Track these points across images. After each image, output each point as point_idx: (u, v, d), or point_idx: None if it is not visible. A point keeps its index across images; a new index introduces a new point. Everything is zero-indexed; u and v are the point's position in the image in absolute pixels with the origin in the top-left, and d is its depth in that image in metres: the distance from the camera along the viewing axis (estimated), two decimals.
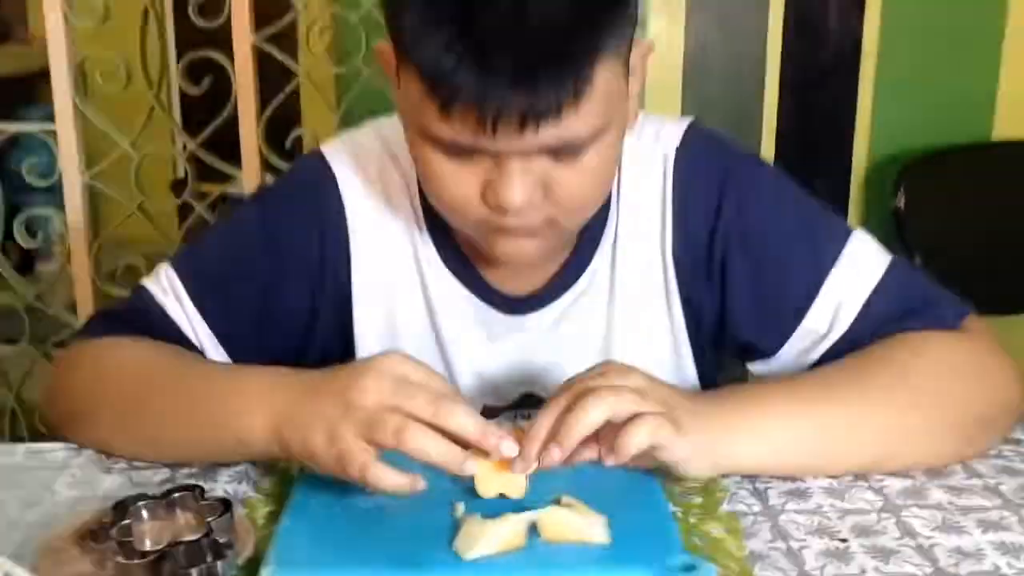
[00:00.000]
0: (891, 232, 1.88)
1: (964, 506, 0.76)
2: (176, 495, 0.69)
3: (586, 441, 0.72)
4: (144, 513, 0.68)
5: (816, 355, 0.88)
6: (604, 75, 0.73)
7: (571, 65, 0.70)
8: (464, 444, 0.70)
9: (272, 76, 1.78)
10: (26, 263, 2.76)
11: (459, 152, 0.76)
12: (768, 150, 1.96)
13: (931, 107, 1.96)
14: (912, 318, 0.86)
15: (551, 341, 0.93)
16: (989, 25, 1.94)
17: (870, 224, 2.00)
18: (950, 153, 1.93)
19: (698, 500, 0.76)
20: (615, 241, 0.92)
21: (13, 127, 1.83)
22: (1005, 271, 1.92)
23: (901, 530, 0.73)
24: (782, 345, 0.90)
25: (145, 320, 0.90)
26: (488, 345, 0.94)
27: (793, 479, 0.80)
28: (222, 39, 1.74)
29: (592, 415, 0.70)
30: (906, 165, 1.90)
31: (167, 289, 0.91)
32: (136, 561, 0.63)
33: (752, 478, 0.80)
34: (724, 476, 0.79)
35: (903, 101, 1.95)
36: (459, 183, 0.78)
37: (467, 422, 0.69)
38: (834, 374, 0.84)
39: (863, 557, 0.69)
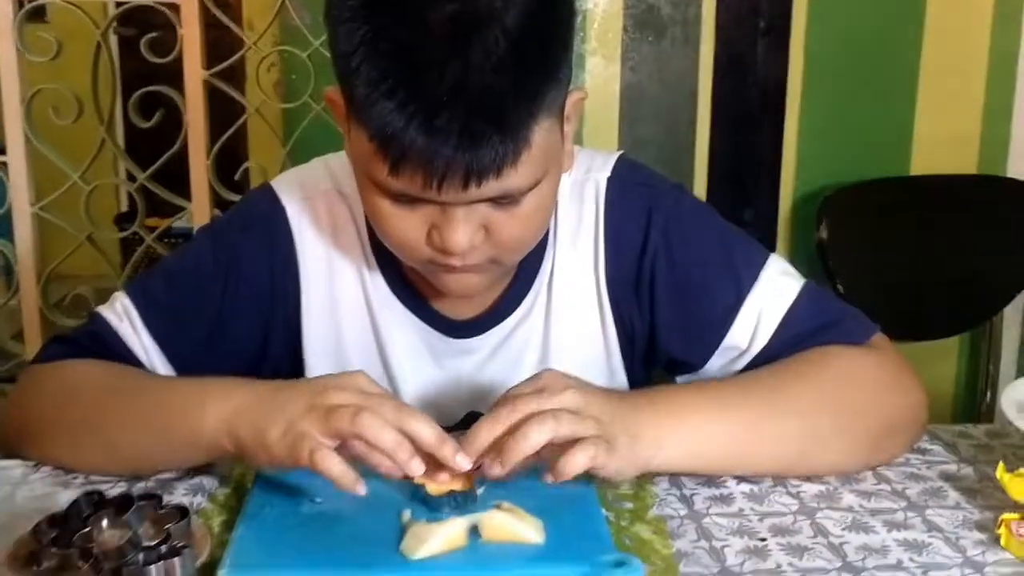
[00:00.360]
0: (815, 262, 1.96)
1: (873, 508, 0.82)
2: (138, 503, 0.72)
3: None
4: (104, 521, 0.71)
5: (737, 368, 0.95)
6: (541, 133, 0.78)
7: (511, 129, 0.76)
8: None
9: (221, 110, 1.82)
10: None
11: (406, 200, 0.81)
12: (700, 184, 2.03)
13: (853, 144, 2.04)
14: (825, 333, 0.93)
15: (493, 363, 0.99)
16: (905, 66, 2.03)
17: (796, 254, 2.08)
18: (870, 187, 2.02)
19: (629, 505, 0.82)
20: (552, 269, 0.97)
21: None
22: (921, 299, 2.01)
23: (815, 530, 0.79)
24: (707, 360, 0.96)
25: (101, 345, 0.93)
26: (433, 368, 0.99)
27: (717, 485, 0.86)
28: (168, 75, 1.78)
29: (533, 439, 0.75)
30: (828, 198, 1.99)
31: (122, 316, 0.94)
32: (106, 565, 0.67)
33: (679, 485, 0.85)
34: (649, 475, 0.85)
35: (826, 138, 2.04)
36: (406, 227, 0.83)
37: (427, 429, 0.75)
38: (752, 382, 0.90)
39: (779, 554, 0.75)
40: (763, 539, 0.77)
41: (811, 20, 1.98)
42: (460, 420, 1.00)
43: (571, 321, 0.98)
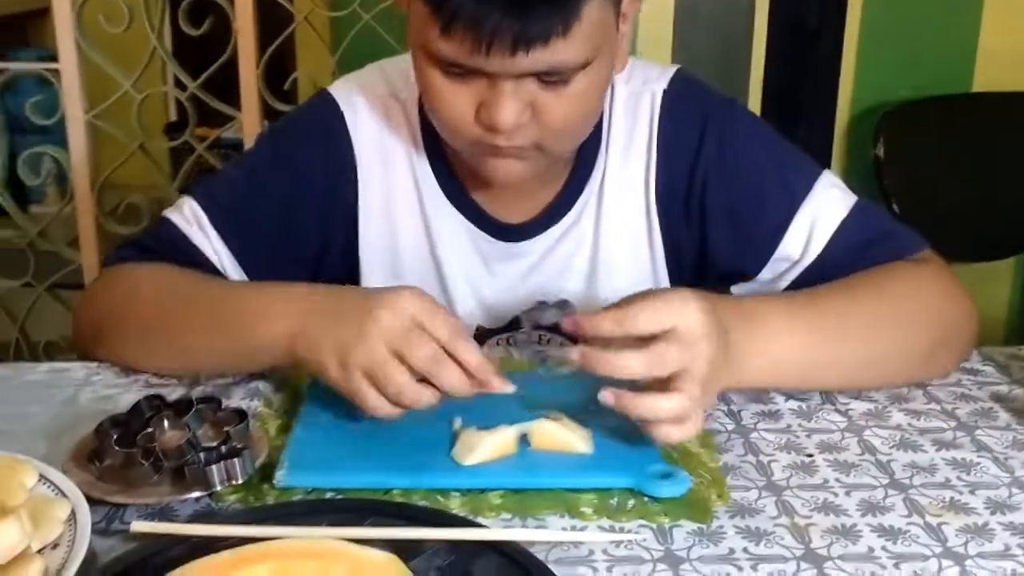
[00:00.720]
0: (870, 179, 1.92)
1: (922, 427, 0.82)
2: (198, 406, 0.75)
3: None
4: (165, 422, 0.73)
5: (790, 278, 0.95)
6: (593, 9, 0.78)
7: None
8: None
9: (269, 19, 1.81)
10: (18, 203, 2.79)
11: (456, 72, 0.82)
12: (755, 98, 2.00)
13: (913, 59, 1.99)
14: (877, 246, 0.93)
15: (541, 268, 0.99)
16: None
17: (851, 171, 2.04)
18: (930, 104, 1.97)
19: None
20: (603, 176, 0.98)
21: (15, 66, 1.85)
22: (979, 220, 1.97)
23: (862, 447, 0.79)
24: (759, 269, 0.96)
25: (169, 247, 0.95)
26: (482, 270, 1.00)
27: (764, 401, 0.86)
28: None
29: (632, 367, 0.70)
30: (886, 114, 1.94)
31: (191, 220, 0.96)
32: (167, 464, 0.69)
33: (726, 400, 0.86)
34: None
35: (886, 53, 1.98)
36: (456, 102, 0.83)
37: (457, 384, 0.74)
38: (823, 296, 0.88)
39: (826, 470, 0.76)
40: (810, 455, 0.78)
41: None
42: (507, 323, 1.01)
43: (620, 230, 0.99)
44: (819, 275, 0.92)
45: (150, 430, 0.72)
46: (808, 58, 2.00)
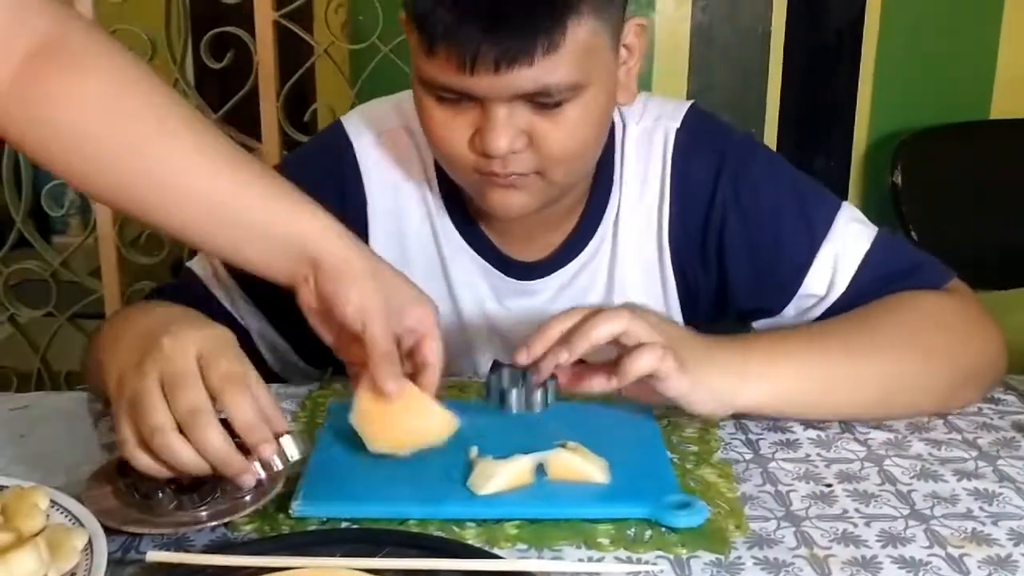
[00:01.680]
0: (888, 207, 1.92)
1: (943, 457, 0.82)
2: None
3: (595, 370, 0.77)
4: None
5: (816, 314, 0.95)
6: (581, 31, 0.79)
7: (542, 15, 0.77)
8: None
9: (290, 51, 1.83)
10: (40, 234, 2.82)
11: (450, 99, 0.82)
12: (771, 128, 2.00)
13: (931, 86, 1.99)
14: (903, 280, 0.92)
15: (555, 304, 0.99)
16: (988, 5, 1.96)
17: (869, 199, 2.04)
18: (947, 131, 1.96)
19: (694, 448, 0.82)
20: (617, 215, 0.98)
21: None
22: (998, 247, 1.96)
23: (882, 477, 0.78)
24: (784, 306, 0.96)
25: (184, 291, 0.96)
26: (497, 306, 1.00)
27: (783, 430, 0.85)
28: (237, 16, 1.79)
29: (605, 328, 0.75)
30: (903, 143, 1.94)
31: (205, 264, 0.97)
32: (192, 501, 0.69)
33: (744, 429, 0.85)
34: (738, 416, 0.85)
35: (903, 81, 1.99)
36: (451, 130, 0.84)
37: (217, 447, 0.66)
38: (837, 325, 0.89)
39: (846, 500, 0.75)
40: (829, 485, 0.77)
41: None
42: None
43: (634, 268, 0.98)
44: (846, 311, 0.92)
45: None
46: (825, 86, 2.00)
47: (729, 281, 0.97)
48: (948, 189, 1.95)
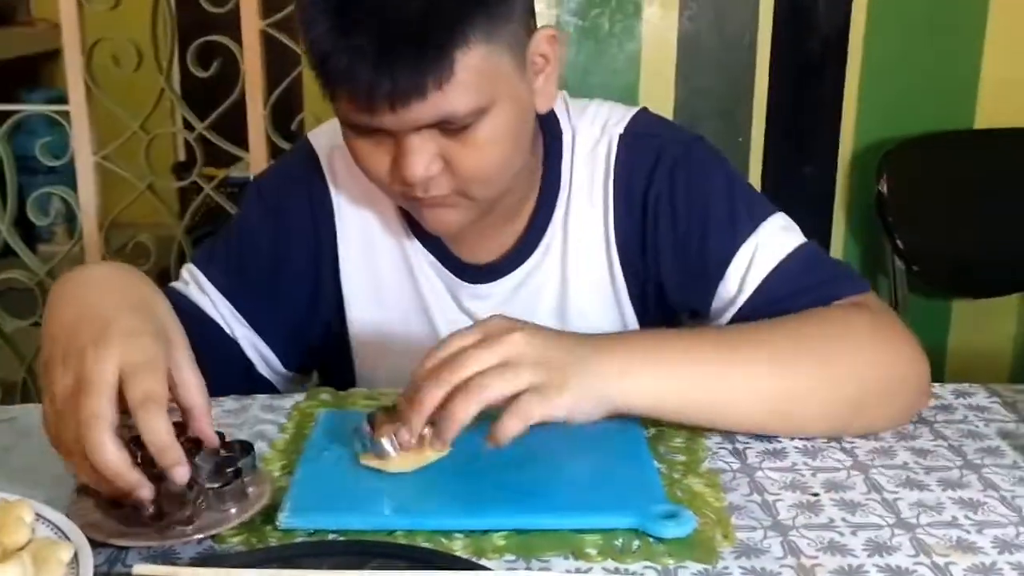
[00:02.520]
0: (874, 216, 1.93)
1: (928, 465, 0.82)
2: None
3: None
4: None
5: (728, 316, 0.95)
6: (472, 58, 0.80)
7: (428, 51, 0.78)
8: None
9: (277, 60, 1.83)
10: (26, 243, 2.81)
11: (364, 131, 0.84)
12: (758, 136, 2.01)
13: (916, 95, 2.00)
14: (813, 291, 0.92)
15: (510, 308, 0.97)
16: (972, 13, 1.98)
17: (855, 207, 2.05)
18: (933, 139, 1.97)
19: (681, 458, 0.82)
20: (566, 216, 1.00)
21: (28, 108, 1.88)
22: (984, 255, 1.97)
23: (868, 486, 0.79)
24: (707, 305, 0.97)
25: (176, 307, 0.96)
26: (456, 308, 1.02)
27: (770, 440, 0.86)
28: (224, 25, 1.79)
29: (461, 416, 0.71)
30: (889, 151, 1.95)
31: (188, 280, 1.00)
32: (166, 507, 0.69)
33: (732, 439, 0.86)
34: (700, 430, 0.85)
35: (888, 89, 1.99)
36: (372, 160, 0.86)
37: (109, 458, 0.66)
38: (730, 331, 0.90)
39: (832, 509, 0.75)
40: (816, 494, 0.77)
41: None
42: None
43: (585, 270, 1.00)
44: (753, 317, 0.91)
45: (156, 469, 0.72)
46: (811, 94, 2.01)
47: (662, 275, 0.99)
48: (934, 198, 1.96)
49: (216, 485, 0.70)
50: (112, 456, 0.65)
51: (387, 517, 0.71)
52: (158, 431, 0.66)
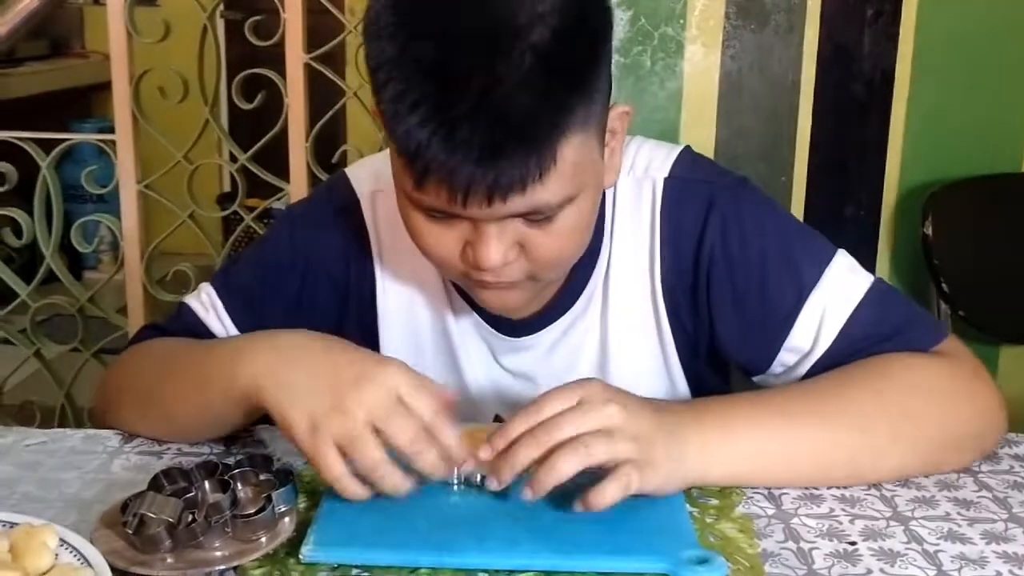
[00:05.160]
0: (919, 259, 1.90)
1: (971, 517, 0.79)
2: (237, 469, 0.75)
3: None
4: (207, 485, 0.74)
5: (802, 371, 0.91)
6: (571, 150, 0.76)
7: (535, 144, 0.74)
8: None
9: (321, 94, 1.85)
10: (71, 269, 2.87)
11: (439, 216, 0.80)
12: (800, 177, 1.98)
13: (961, 138, 1.97)
14: (891, 339, 0.89)
15: (551, 360, 0.98)
16: (1019, 56, 1.95)
17: (899, 250, 2.01)
18: (979, 182, 1.94)
19: (714, 502, 0.80)
20: (608, 267, 0.95)
21: (75, 136, 1.91)
22: None
23: (908, 536, 0.76)
24: (770, 363, 0.93)
25: (186, 331, 0.97)
26: (492, 361, 0.99)
27: (806, 487, 0.83)
28: (269, 58, 1.81)
29: (563, 471, 0.72)
30: (934, 194, 1.92)
31: (207, 306, 0.98)
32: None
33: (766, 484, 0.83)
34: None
35: (934, 132, 1.97)
36: (440, 242, 0.82)
37: (437, 470, 0.74)
38: (807, 391, 0.86)
39: (870, 559, 0.73)
40: (853, 543, 0.75)
41: (922, 6, 1.91)
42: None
43: (628, 319, 0.96)
44: (830, 367, 0.89)
45: (192, 494, 0.72)
46: (855, 135, 1.99)
47: (718, 331, 0.94)
48: (980, 241, 1.92)
49: (249, 512, 0.70)
50: (457, 441, 0.74)
51: (412, 553, 0.70)
52: (451, 435, 0.75)
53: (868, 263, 2.08)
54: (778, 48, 1.95)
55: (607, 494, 0.72)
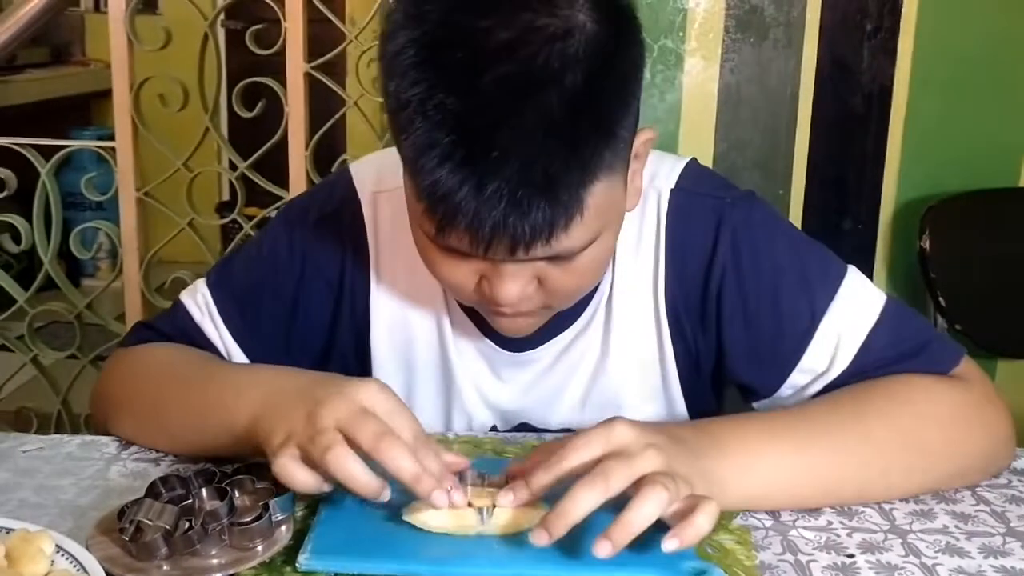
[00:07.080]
0: (916, 273, 1.90)
1: (969, 531, 0.79)
2: (235, 477, 0.75)
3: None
4: (204, 492, 0.74)
5: (813, 391, 0.90)
6: (598, 195, 0.74)
7: (562, 195, 0.71)
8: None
9: (321, 103, 1.85)
10: (69, 276, 2.86)
11: (454, 252, 0.78)
12: (798, 190, 1.99)
13: (959, 152, 1.97)
14: (908, 361, 0.88)
15: (550, 375, 0.96)
16: (1017, 70, 1.96)
17: (896, 264, 2.02)
18: (976, 196, 1.95)
19: None
20: (612, 283, 0.94)
21: (74, 143, 1.91)
22: None
23: (906, 549, 0.76)
24: (780, 385, 0.91)
25: (182, 333, 0.97)
26: (491, 375, 0.97)
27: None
28: (270, 67, 1.82)
29: (648, 518, 0.68)
30: (932, 208, 1.92)
31: (202, 306, 0.97)
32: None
33: None
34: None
35: (931, 146, 1.97)
36: (454, 273, 0.80)
37: (403, 464, 0.70)
38: (820, 415, 0.85)
39: (868, 572, 0.73)
40: (851, 555, 0.75)
41: (921, 21, 1.92)
42: (515, 427, 0.99)
43: (629, 334, 0.95)
44: (843, 386, 0.88)
45: (189, 502, 0.72)
46: (853, 149, 1.99)
47: (726, 350, 0.93)
48: (977, 255, 1.93)
49: (246, 520, 0.70)
50: (408, 463, 0.71)
51: (408, 562, 0.70)
52: (402, 463, 0.71)
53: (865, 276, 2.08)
54: (777, 61, 1.96)
55: (687, 538, 0.67)
